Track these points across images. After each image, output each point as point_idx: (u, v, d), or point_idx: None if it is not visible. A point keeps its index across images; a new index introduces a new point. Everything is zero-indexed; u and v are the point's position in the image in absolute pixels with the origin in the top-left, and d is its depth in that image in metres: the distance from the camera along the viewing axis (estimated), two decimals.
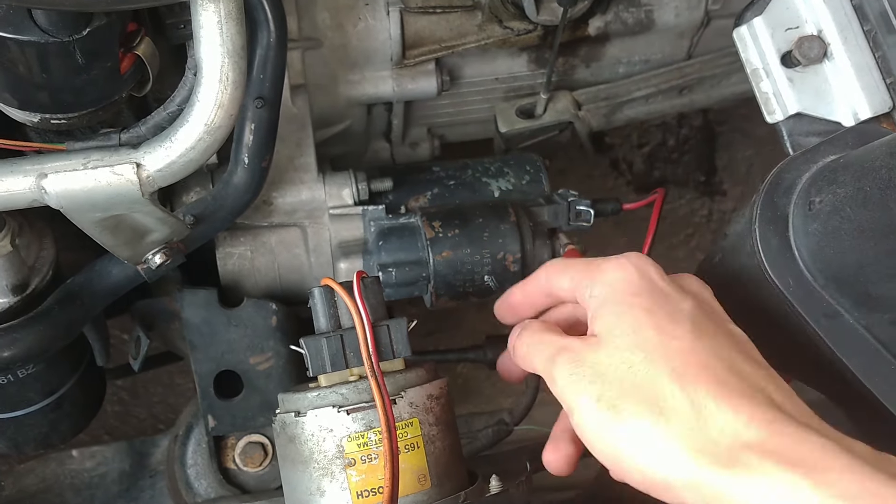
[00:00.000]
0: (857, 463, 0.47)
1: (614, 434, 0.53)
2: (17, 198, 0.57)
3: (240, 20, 0.54)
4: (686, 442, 0.50)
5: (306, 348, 0.63)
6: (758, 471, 0.48)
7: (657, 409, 0.52)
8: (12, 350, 0.68)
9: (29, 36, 0.56)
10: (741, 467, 0.48)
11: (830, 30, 0.70)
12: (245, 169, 0.76)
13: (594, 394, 0.54)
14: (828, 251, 0.58)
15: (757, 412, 0.50)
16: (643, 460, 0.52)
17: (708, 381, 0.52)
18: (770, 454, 0.48)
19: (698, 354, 0.53)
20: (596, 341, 0.56)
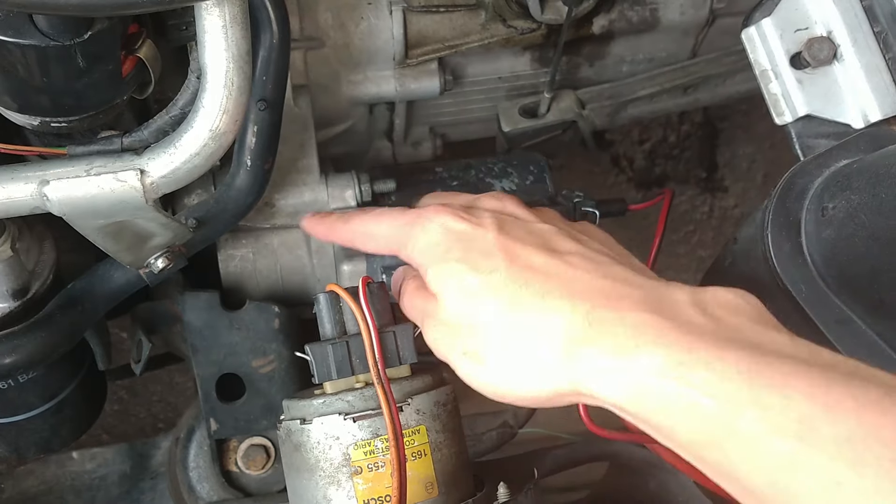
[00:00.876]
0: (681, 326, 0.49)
1: (491, 377, 0.56)
2: (19, 205, 0.57)
3: (244, 25, 0.53)
4: (540, 361, 0.53)
5: (312, 355, 0.62)
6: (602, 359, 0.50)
7: (509, 343, 0.55)
8: (14, 357, 0.68)
9: (30, 40, 0.55)
10: (587, 359, 0.51)
11: (840, 31, 0.69)
12: (248, 171, 0.75)
13: (459, 349, 0.57)
14: (841, 257, 0.57)
15: (578, 307, 0.53)
16: (521, 388, 0.55)
17: (531, 296, 0.55)
18: (592, 347, 0.51)
19: (515, 276, 0.56)
20: (437, 301, 0.59)
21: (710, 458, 0.46)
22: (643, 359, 0.48)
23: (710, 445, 0.45)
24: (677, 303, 0.51)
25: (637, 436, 0.74)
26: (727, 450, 0.45)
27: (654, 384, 0.47)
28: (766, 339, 0.48)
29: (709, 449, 0.46)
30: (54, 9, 0.47)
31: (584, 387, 0.51)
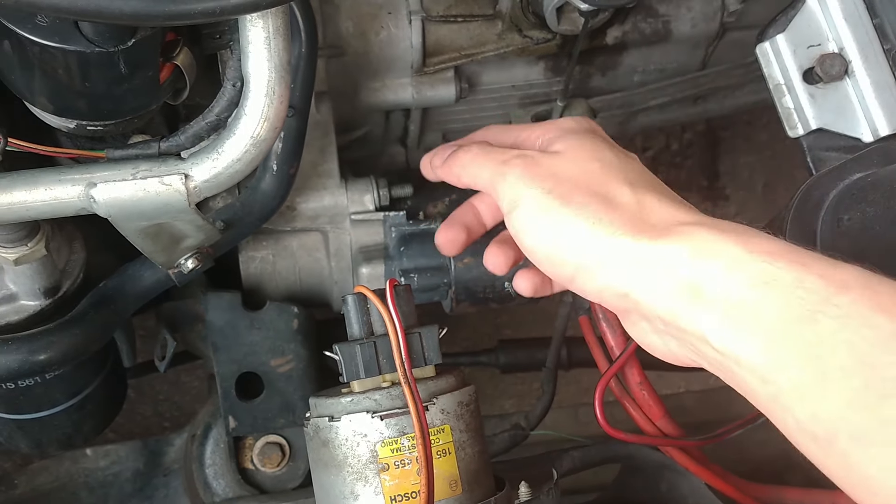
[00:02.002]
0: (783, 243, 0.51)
1: (559, 216, 0.57)
2: (66, 206, 0.58)
3: (286, 36, 0.55)
4: (627, 225, 0.55)
5: (340, 354, 0.64)
6: (688, 234, 0.52)
7: (605, 200, 0.57)
8: (48, 353, 0.69)
9: (75, 46, 0.57)
10: (674, 234, 0.53)
11: (851, 48, 0.71)
12: (273, 176, 0.77)
13: (546, 187, 0.59)
14: None
15: (693, 214, 0.56)
16: (582, 240, 0.56)
17: (655, 190, 0.58)
18: (701, 225, 0.53)
19: (650, 176, 0.60)
20: (554, 154, 0.61)
21: (799, 333, 0.47)
22: (753, 240, 0.51)
23: (803, 320, 0.47)
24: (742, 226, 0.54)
25: (650, 438, 0.76)
26: (822, 324, 0.46)
27: (755, 259, 0.50)
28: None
29: (801, 323, 0.47)
30: (108, 17, 0.48)
31: (671, 248, 0.52)
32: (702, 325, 0.50)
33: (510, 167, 0.61)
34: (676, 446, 0.74)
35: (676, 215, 0.56)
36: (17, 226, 0.67)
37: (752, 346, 0.48)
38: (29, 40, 0.56)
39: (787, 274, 0.48)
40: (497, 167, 0.62)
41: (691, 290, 0.51)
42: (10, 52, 0.59)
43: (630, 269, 0.54)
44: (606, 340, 0.80)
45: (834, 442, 0.45)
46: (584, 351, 0.88)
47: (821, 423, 0.45)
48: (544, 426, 0.94)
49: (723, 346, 0.49)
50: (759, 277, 0.48)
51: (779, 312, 0.47)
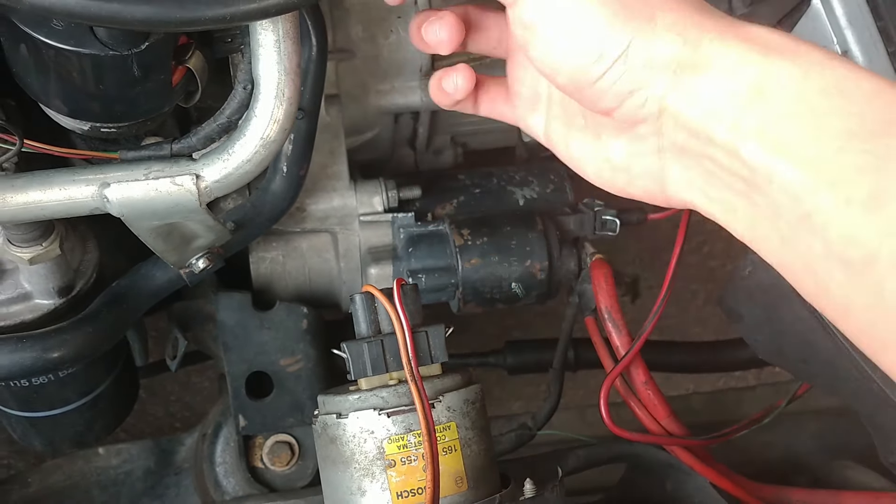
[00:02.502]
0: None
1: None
2: (80, 206, 0.60)
3: (296, 39, 0.56)
4: (678, 22, 0.50)
5: (348, 352, 0.65)
6: (755, 35, 0.49)
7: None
8: (61, 351, 0.71)
9: (90, 49, 0.58)
10: (736, 33, 0.49)
11: (856, 51, 0.71)
12: (283, 177, 0.78)
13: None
14: None
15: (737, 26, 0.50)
16: (616, 32, 0.50)
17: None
18: (767, 30, 0.49)
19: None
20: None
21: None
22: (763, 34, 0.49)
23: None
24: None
25: (656, 437, 0.76)
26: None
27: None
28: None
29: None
30: (121, 23, 0.50)
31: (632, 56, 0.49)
32: (744, 135, 0.46)
33: None
34: (682, 446, 0.74)
35: (731, 21, 0.50)
36: (32, 225, 0.68)
37: (801, 160, 0.44)
38: (44, 44, 0.58)
39: (867, 83, 0.44)
40: None
41: (753, 94, 0.46)
42: (26, 55, 0.60)
43: (676, 72, 0.49)
44: (612, 341, 0.81)
45: (871, 266, 0.41)
46: (590, 352, 0.89)
47: (859, 247, 0.42)
48: (551, 426, 0.95)
49: (759, 159, 0.45)
50: (836, 85, 0.44)
51: (845, 124, 0.43)
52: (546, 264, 0.88)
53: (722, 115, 0.47)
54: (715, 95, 0.48)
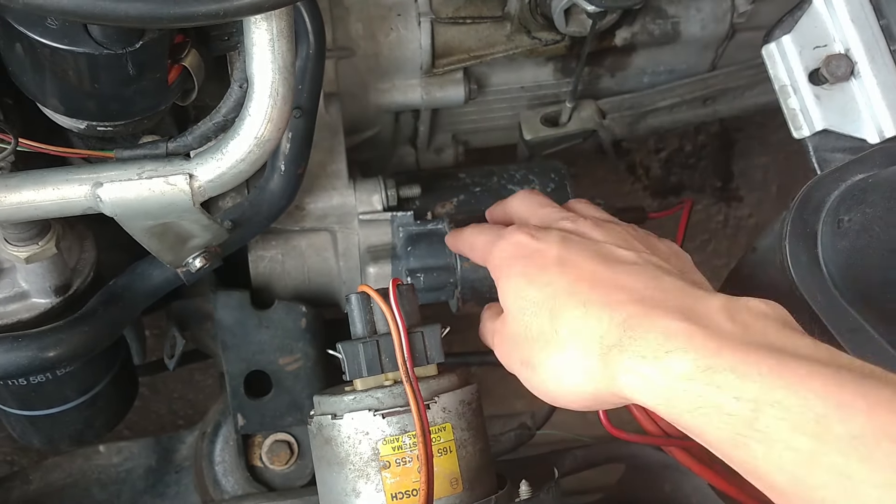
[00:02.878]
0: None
1: (541, 383, 0.61)
2: (73, 205, 0.59)
3: (290, 38, 0.56)
4: (581, 366, 0.57)
5: (343, 353, 0.65)
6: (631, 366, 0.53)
7: (554, 349, 0.59)
8: (57, 350, 0.70)
9: (84, 48, 0.58)
10: (622, 364, 0.53)
11: (858, 49, 0.71)
12: (281, 176, 0.78)
13: (517, 359, 0.63)
14: (855, 268, 0.59)
15: (616, 315, 0.56)
16: (567, 391, 0.59)
17: (574, 306, 0.58)
18: (625, 352, 0.53)
19: (564, 288, 0.60)
20: (503, 315, 0.64)
21: (737, 456, 0.48)
22: (674, 364, 0.50)
23: (736, 444, 0.48)
24: (709, 309, 0.53)
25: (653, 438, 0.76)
26: (752, 448, 0.47)
27: (683, 387, 0.50)
28: (788, 342, 0.50)
29: (736, 448, 0.48)
30: (114, 20, 0.49)
31: (621, 390, 0.54)
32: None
33: (496, 348, 0.67)
34: (679, 446, 0.74)
35: (609, 331, 0.56)
36: (28, 225, 0.68)
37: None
38: (39, 42, 0.57)
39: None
40: (492, 344, 0.68)
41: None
42: (21, 54, 0.60)
43: (611, 394, 0.56)
44: None
45: None
46: None
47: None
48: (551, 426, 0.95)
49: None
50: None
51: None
52: None
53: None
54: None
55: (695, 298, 0.55)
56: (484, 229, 0.73)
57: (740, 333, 0.51)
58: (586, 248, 0.62)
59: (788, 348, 0.49)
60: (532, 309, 0.61)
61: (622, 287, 0.57)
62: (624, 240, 0.64)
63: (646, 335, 0.53)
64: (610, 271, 0.59)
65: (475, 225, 0.75)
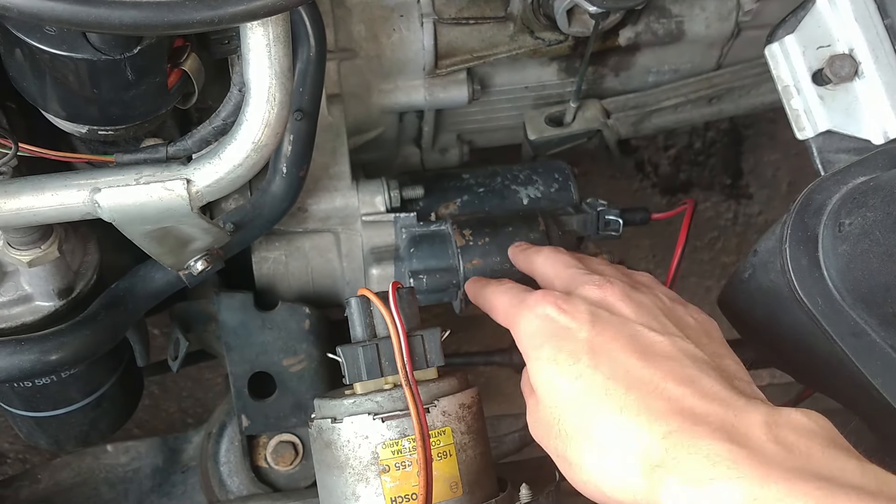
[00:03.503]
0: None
1: (579, 481, 0.59)
2: (72, 211, 0.60)
3: (287, 43, 0.56)
4: (620, 474, 0.55)
5: (343, 356, 0.65)
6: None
7: (591, 453, 0.57)
8: (60, 353, 0.71)
9: (83, 54, 0.58)
10: (664, 484, 0.52)
11: (862, 49, 0.70)
12: (283, 178, 0.78)
13: (552, 449, 0.62)
14: (856, 272, 0.59)
15: (655, 428, 0.54)
16: (605, 495, 0.57)
17: (610, 411, 0.57)
18: (670, 474, 0.52)
19: (598, 386, 0.58)
20: (536, 397, 0.63)
21: None
22: (720, 492, 0.49)
23: None
24: (751, 425, 0.52)
25: None
26: None
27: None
28: (835, 467, 0.49)
29: None
30: (110, 28, 0.49)
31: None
32: None
33: (530, 425, 0.64)
34: None
35: (645, 447, 0.54)
36: (30, 228, 0.68)
37: None
38: (38, 49, 0.58)
39: None
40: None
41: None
42: (22, 60, 0.60)
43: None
44: None
45: None
46: None
47: None
48: None
49: None
50: None
51: None
52: None
53: None
54: None
55: (735, 411, 0.53)
56: (506, 290, 0.70)
57: (785, 457, 0.50)
58: (618, 333, 0.60)
59: (836, 475, 0.48)
60: (564, 405, 0.59)
61: (660, 392, 0.56)
62: (654, 317, 0.62)
63: (689, 457, 0.51)
64: (645, 367, 0.57)
65: (497, 283, 0.72)
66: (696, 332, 0.63)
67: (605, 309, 0.63)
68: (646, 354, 0.58)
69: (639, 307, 0.63)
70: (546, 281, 0.72)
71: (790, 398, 0.85)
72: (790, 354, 0.69)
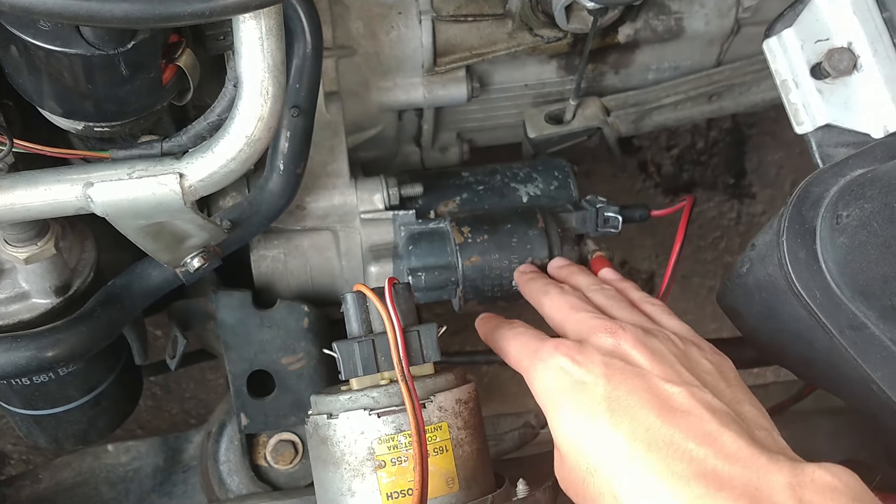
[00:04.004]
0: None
1: None
2: (65, 206, 0.60)
3: (280, 36, 0.56)
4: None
5: (339, 352, 0.64)
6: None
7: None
8: (56, 350, 0.71)
9: (76, 49, 0.58)
10: None
11: (860, 42, 0.70)
12: (280, 175, 0.78)
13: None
14: (854, 264, 0.58)
15: (682, 493, 0.53)
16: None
17: (634, 476, 0.56)
18: None
19: (620, 449, 0.57)
20: (560, 451, 0.62)
21: None
22: None
23: None
24: (776, 491, 0.52)
25: None
26: None
27: None
28: None
29: None
30: (101, 21, 0.49)
31: None
32: None
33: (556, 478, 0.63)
34: None
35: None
36: (27, 225, 0.68)
37: None
38: (33, 45, 0.58)
39: None
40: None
41: None
42: (17, 57, 0.60)
43: None
44: None
45: None
46: None
47: None
48: None
49: None
50: None
51: None
52: (547, 261, 0.87)
53: None
54: None
55: (758, 472, 0.53)
56: (518, 335, 0.70)
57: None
58: (635, 387, 0.59)
59: None
60: (587, 466, 0.59)
61: (682, 454, 0.55)
62: (670, 365, 0.62)
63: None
64: (664, 426, 0.57)
65: (509, 326, 0.72)
66: (713, 378, 0.63)
67: (620, 359, 0.62)
68: (664, 410, 0.58)
69: (653, 355, 0.62)
70: (556, 325, 0.71)
71: (791, 395, 0.84)
72: (790, 350, 0.69)
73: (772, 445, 0.57)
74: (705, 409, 0.57)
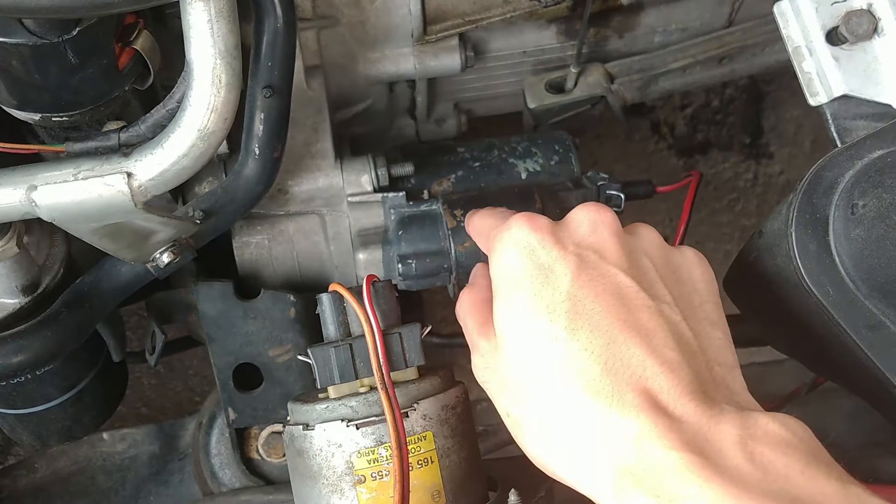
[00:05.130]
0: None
1: (529, 449, 0.55)
2: (9, 210, 0.56)
3: (232, 17, 0.50)
4: (588, 475, 0.51)
5: (314, 358, 0.60)
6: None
7: (551, 430, 0.52)
8: (19, 357, 0.67)
9: (18, 38, 0.54)
10: (632, 496, 0.48)
11: (881, 3, 0.64)
12: (256, 160, 0.73)
13: (503, 406, 0.56)
14: (872, 259, 0.53)
15: (628, 426, 0.49)
16: (559, 475, 0.53)
17: (583, 390, 0.51)
18: (638, 487, 0.48)
19: (573, 359, 0.52)
20: (496, 345, 0.56)
21: None
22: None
23: None
24: (725, 441, 0.47)
25: None
26: None
27: None
28: (816, 490, 0.45)
29: None
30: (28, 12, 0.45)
31: None
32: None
33: (475, 368, 0.59)
34: None
35: (615, 448, 0.49)
36: None
37: None
38: None
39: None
40: (471, 354, 0.60)
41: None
42: None
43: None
44: None
45: None
46: None
47: None
48: None
49: None
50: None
51: None
52: None
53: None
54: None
55: (709, 419, 0.48)
56: (490, 212, 0.64)
57: (761, 478, 0.45)
58: (604, 288, 0.53)
59: (816, 499, 0.44)
60: (532, 368, 0.53)
61: (636, 381, 0.50)
62: (645, 272, 0.55)
63: (660, 469, 0.47)
64: (625, 343, 0.51)
65: (489, 209, 0.66)
66: (686, 295, 0.56)
67: (595, 251, 0.54)
68: (628, 324, 0.51)
69: (630, 257, 0.55)
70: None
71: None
72: (800, 343, 0.64)
73: (729, 386, 0.52)
74: (671, 334, 0.52)
